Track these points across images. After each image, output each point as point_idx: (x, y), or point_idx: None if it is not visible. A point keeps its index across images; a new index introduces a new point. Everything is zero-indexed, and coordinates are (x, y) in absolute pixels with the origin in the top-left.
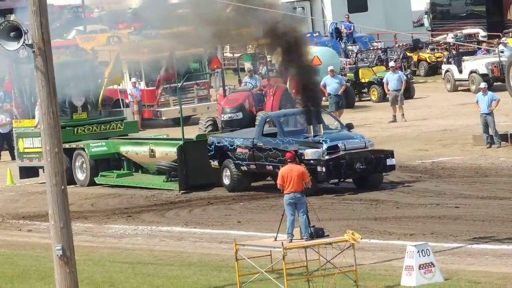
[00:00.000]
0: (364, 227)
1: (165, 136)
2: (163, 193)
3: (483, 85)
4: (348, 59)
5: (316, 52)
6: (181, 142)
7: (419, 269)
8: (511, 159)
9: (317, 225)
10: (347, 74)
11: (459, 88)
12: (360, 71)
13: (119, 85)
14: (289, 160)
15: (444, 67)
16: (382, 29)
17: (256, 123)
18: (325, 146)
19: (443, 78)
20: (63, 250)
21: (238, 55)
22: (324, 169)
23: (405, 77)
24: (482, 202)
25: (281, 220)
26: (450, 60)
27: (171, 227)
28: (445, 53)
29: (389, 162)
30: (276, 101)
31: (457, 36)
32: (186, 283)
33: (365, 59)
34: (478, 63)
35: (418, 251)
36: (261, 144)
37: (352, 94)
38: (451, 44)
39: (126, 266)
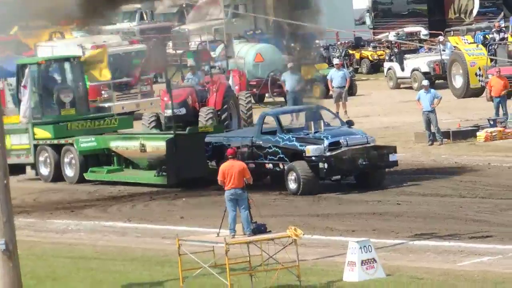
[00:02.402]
0: (307, 223)
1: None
2: (105, 188)
3: (425, 83)
4: (291, 56)
5: (259, 49)
6: (171, 136)
7: (362, 265)
8: (452, 156)
9: (260, 221)
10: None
11: (401, 86)
12: (302, 68)
13: None
14: (230, 156)
15: (386, 65)
16: (324, 27)
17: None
18: (326, 142)
19: (386, 76)
20: (6, 244)
21: (181, 51)
22: (326, 166)
23: (349, 75)
24: (423, 199)
25: (223, 216)
26: (392, 58)
27: (114, 222)
28: (387, 51)
29: (392, 157)
30: (219, 98)
31: (399, 34)
32: (128, 278)
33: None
34: (420, 61)
35: (360, 247)
36: (260, 142)
37: None
38: (393, 42)
39: (68, 261)
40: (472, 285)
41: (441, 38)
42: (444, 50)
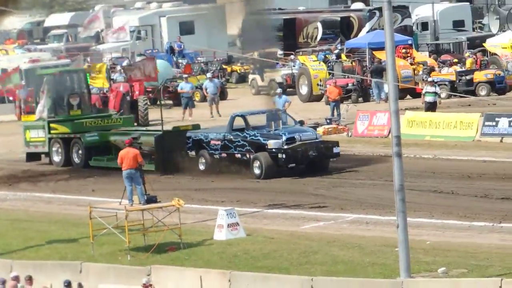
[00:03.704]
0: (187, 195)
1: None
2: (38, 167)
3: (279, 90)
4: (179, 69)
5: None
6: (160, 133)
7: (228, 227)
8: None
9: (152, 193)
10: (178, 80)
11: (261, 93)
12: (188, 79)
13: None
14: (127, 144)
15: (251, 76)
16: (204, 47)
17: None
18: (284, 137)
19: (249, 85)
20: None
21: None
22: (284, 156)
23: (220, 84)
24: (277, 179)
25: (124, 189)
26: (255, 71)
27: (42, 193)
28: (251, 66)
29: (335, 150)
30: (117, 102)
31: (260, 54)
32: (52, 236)
33: (192, 70)
34: (276, 74)
35: (227, 214)
36: (231, 137)
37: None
38: (255, 59)
39: (7, 222)
40: (311, 243)
41: (292, 57)
42: (294, 66)
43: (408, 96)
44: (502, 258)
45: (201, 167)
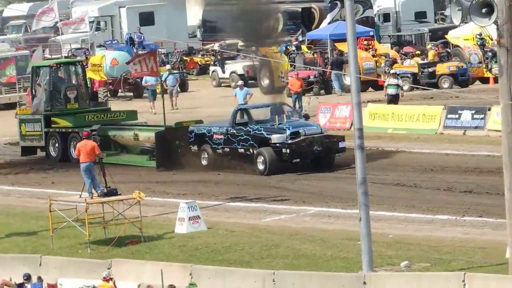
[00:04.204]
0: (148, 188)
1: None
2: None
3: (240, 82)
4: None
5: (114, 55)
6: (162, 128)
7: (189, 220)
8: None
9: (112, 186)
10: None
11: (222, 84)
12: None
13: None
14: (85, 137)
15: (212, 68)
16: (164, 38)
17: None
18: (288, 132)
19: (210, 77)
20: None
21: (56, 56)
22: (288, 151)
23: (178, 76)
24: (239, 172)
25: (84, 182)
26: (216, 63)
27: (1, 186)
28: (212, 57)
29: (341, 145)
30: None
31: (221, 45)
32: (11, 228)
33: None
34: (238, 66)
35: (188, 207)
36: (234, 131)
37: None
38: (217, 51)
39: None
40: (273, 236)
41: (253, 48)
42: (255, 57)
43: (370, 89)
44: (465, 252)
45: (204, 162)
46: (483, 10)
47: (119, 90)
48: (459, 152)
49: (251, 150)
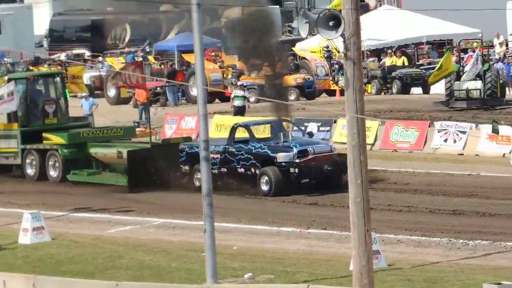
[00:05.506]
0: None
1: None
2: None
3: (84, 94)
4: None
5: None
6: (142, 146)
7: (33, 231)
8: None
9: None
10: None
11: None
12: None
13: None
14: None
15: None
16: (11, 47)
17: None
18: (295, 150)
19: None
20: None
21: None
22: (296, 170)
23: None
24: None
25: None
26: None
27: None
28: (59, 67)
29: None
30: None
31: (68, 55)
32: None
33: None
34: (84, 76)
35: (32, 217)
36: (233, 149)
37: None
38: (63, 60)
39: None
40: (117, 248)
41: (100, 58)
42: (102, 68)
43: (217, 100)
44: (309, 264)
45: (197, 183)
46: (330, 23)
47: None
48: None
49: (252, 170)
